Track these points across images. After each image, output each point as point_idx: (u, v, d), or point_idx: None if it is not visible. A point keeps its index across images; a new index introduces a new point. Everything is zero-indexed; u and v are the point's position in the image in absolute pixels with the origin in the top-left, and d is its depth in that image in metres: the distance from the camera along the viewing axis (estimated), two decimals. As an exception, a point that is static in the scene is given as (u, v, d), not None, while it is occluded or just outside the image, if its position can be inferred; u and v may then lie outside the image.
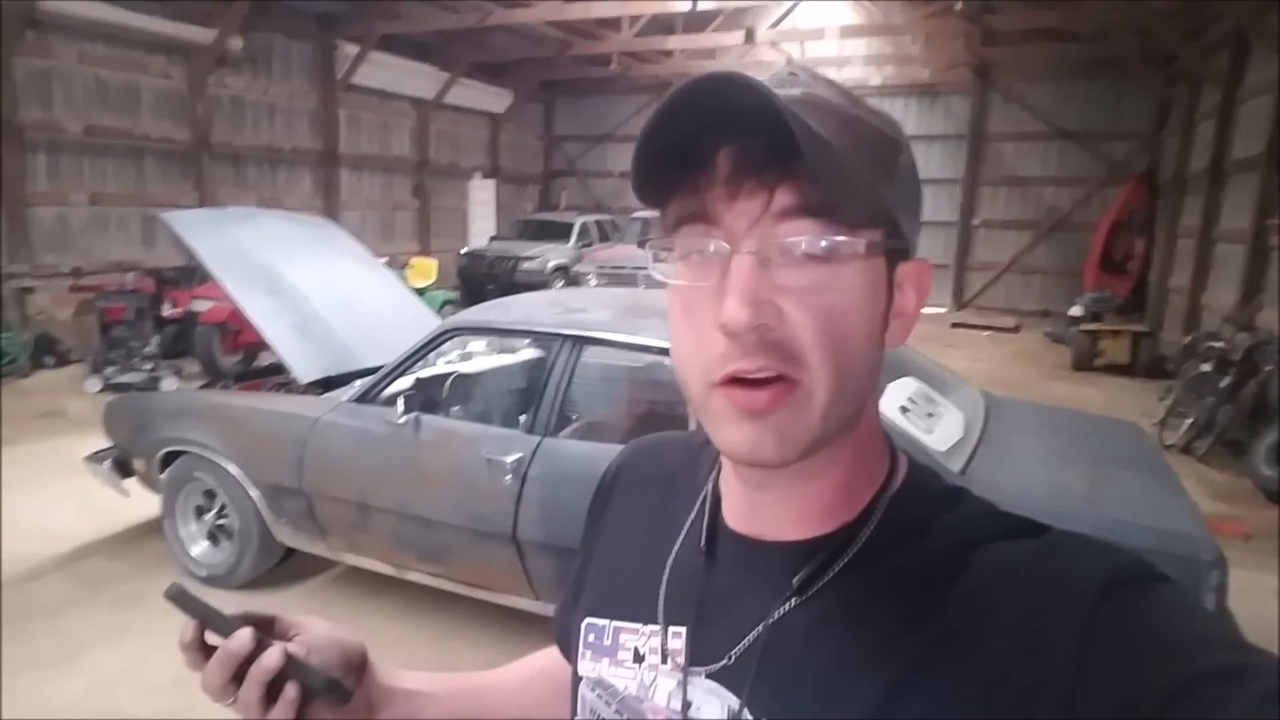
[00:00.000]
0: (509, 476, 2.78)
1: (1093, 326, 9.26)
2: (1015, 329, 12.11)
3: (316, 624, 0.63)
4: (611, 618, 0.62)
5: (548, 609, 2.92)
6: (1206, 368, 6.11)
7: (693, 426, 2.65)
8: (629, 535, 0.67)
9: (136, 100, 9.31)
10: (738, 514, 0.58)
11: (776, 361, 0.47)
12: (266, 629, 0.61)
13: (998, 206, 14.24)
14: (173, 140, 9.74)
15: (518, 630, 3.18)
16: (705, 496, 0.61)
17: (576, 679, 0.63)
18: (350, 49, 11.82)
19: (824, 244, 0.46)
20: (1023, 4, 11.40)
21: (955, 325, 12.35)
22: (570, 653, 0.66)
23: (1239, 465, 5.51)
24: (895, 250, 0.51)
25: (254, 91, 10.94)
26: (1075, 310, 10.03)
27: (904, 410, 2.51)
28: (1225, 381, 5.85)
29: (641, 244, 0.53)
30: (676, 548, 0.61)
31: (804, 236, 0.46)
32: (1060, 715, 0.42)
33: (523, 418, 3.02)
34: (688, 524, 0.61)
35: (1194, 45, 9.89)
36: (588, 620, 0.63)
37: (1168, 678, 0.39)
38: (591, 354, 2.97)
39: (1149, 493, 2.39)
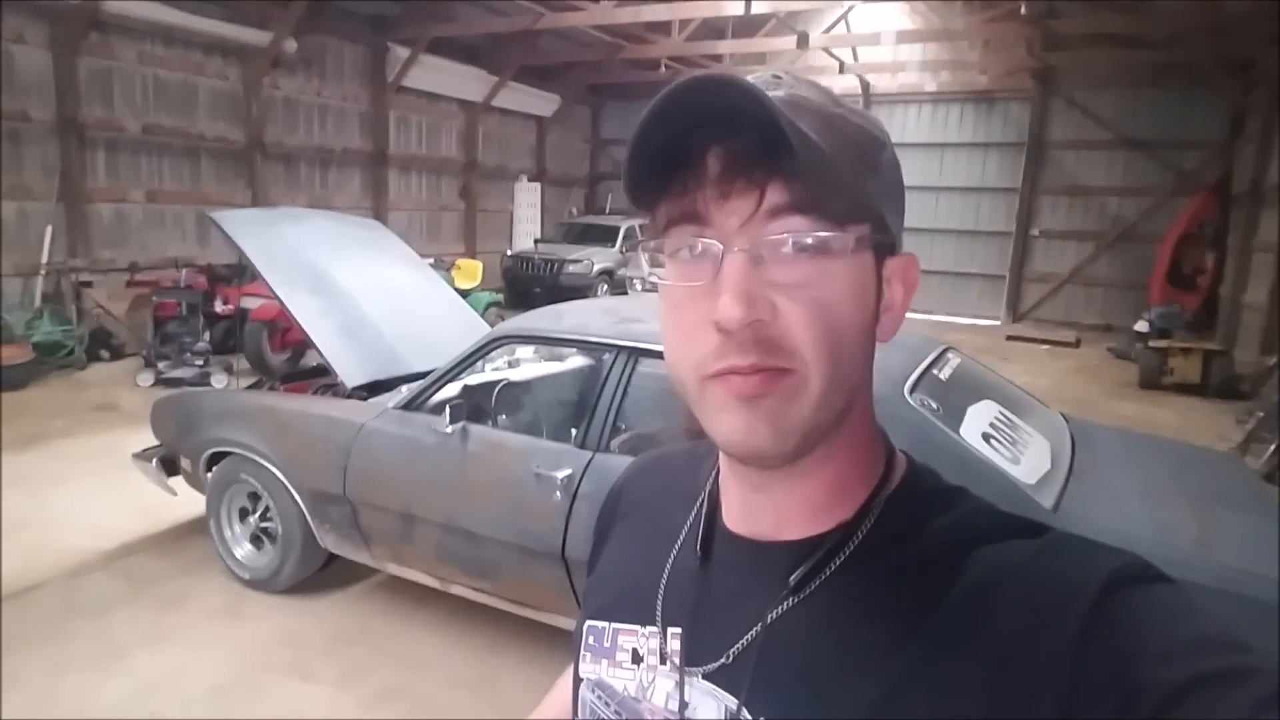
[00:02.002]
0: (559, 493, 2.65)
1: (1162, 343, 8.81)
2: (1075, 343, 11.65)
3: None
4: (611, 620, 0.63)
5: (595, 632, 2.78)
6: (1292, 391, 5.74)
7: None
8: (631, 544, 0.68)
9: (193, 100, 9.48)
10: (734, 515, 0.58)
11: (766, 356, 0.47)
12: None
13: (1058, 216, 13.71)
14: (227, 140, 9.89)
15: (564, 649, 3.03)
16: (703, 500, 0.62)
17: (578, 681, 0.64)
18: (401, 52, 11.90)
19: (813, 240, 0.47)
20: (1088, 7, 10.98)
21: (1011, 338, 11.94)
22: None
23: (1329, 497, 5.15)
24: (882, 245, 0.52)
25: (307, 93, 11.08)
26: (1141, 325, 9.58)
27: (986, 438, 2.31)
28: (1314, 406, 5.49)
29: (634, 248, 0.46)
30: (675, 551, 0.62)
31: (795, 233, 0.47)
32: (1059, 716, 0.41)
33: (574, 431, 2.90)
34: (686, 527, 0.62)
35: (1275, 48, 9.39)
36: (589, 623, 0.64)
37: (1167, 679, 0.39)
38: (648, 365, 2.83)
39: (1264, 537, 2.15)
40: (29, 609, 3.27)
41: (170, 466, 3.78)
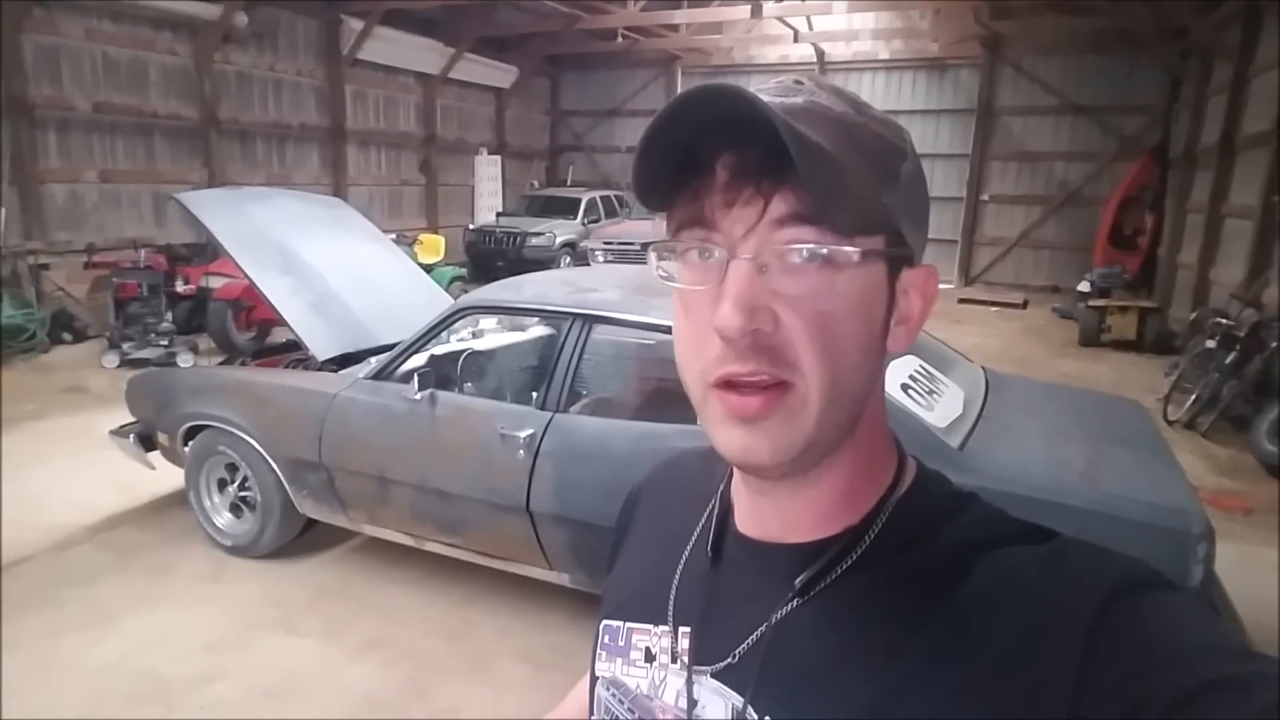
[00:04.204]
0: (522, 451, 2.87)
1: (1100, 302, 9.24)
2: (1023, 305, 12.11)
3: None
4: (626, 619, 0.64)
5: (561, 578, 3.03)
6: (1211, 344, 6.14)
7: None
8: (647, 544, 0.70)
9: (144, 77, 9.34)
10: (745, 518, 0.60)
11: (769, 366, 0.48)
12: None
13: (1007, 181, 14.13)
14: (181, 117, 9.77)
15: (533, 598, 3.30)
16: (715, 502, 0.63)
17: (594, 679, 0.66)
18: (355, 24, 11.78)
19: (818, 251, 0.47)
20: (1034, -25, 11.29)
21: (962, 300, 12.33)
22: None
23: (1242, 441, 5.57)
24: (898, 257, 0.51)
25: (260, 68, 10.95)
26: (1084, 286, 10.01)
27: (905, 388, 2.58)
28: (1230, 358, 5.88)
29: (645, 247, 0.55)
30: (688, 552, 0.63)
31: (800, 244, 0.47)
32: None
33: (535, 394, 3.11)
34: (698, 529, 0.64)
35: (1206, 18, 9.76)
36: (605, 622, 0.66)
37: (1172, 686, 0.39)
38: (602, 331, 3.05)
39: (1144, 468, 2.46)
40: (20, 580, 3.43)
41: (148, 442, 3.92)
